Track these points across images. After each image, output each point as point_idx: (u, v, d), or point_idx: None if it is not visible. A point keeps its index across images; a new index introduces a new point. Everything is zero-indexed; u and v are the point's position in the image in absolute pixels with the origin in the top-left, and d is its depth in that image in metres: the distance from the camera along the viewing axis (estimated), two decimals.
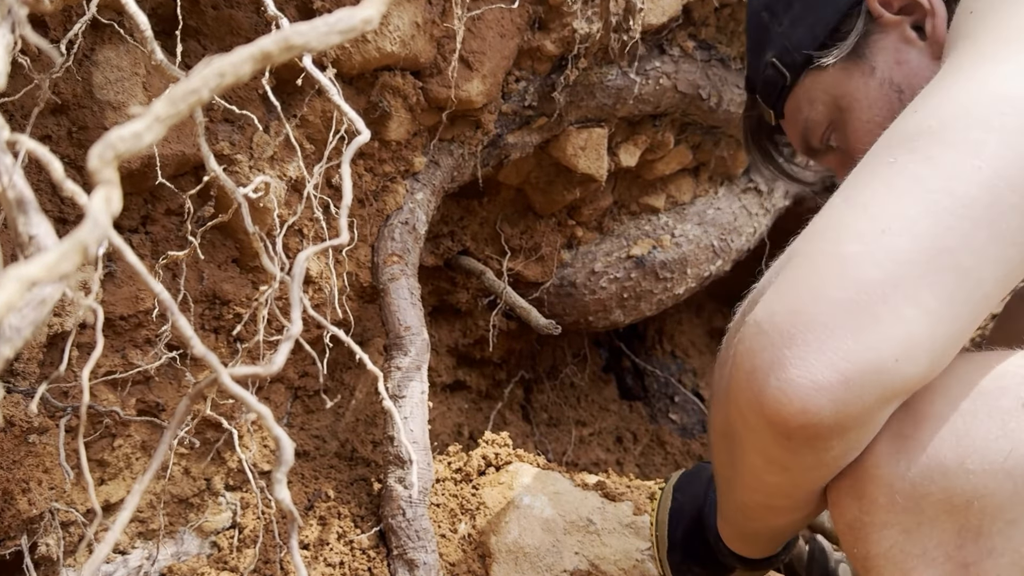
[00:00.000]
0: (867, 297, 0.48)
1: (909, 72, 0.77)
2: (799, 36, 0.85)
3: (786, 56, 0.86)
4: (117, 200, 0.26)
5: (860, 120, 0.81)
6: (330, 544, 1.06)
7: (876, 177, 0.53)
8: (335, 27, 0.29)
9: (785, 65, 0.86)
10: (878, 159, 0.55)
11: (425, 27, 1.11)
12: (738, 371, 0.53)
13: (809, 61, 0.84)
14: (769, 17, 0.89)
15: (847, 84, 0.82)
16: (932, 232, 0.49)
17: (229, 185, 0.61)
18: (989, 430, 0.50)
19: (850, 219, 0.52)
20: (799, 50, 0.84)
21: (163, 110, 0.27)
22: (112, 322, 1.01)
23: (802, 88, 0.86)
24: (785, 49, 0.86)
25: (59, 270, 0.24)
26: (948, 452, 0.50)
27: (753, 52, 0.93)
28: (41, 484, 0.94)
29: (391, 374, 1.11)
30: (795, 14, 0.86)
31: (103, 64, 0.90)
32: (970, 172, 0.50)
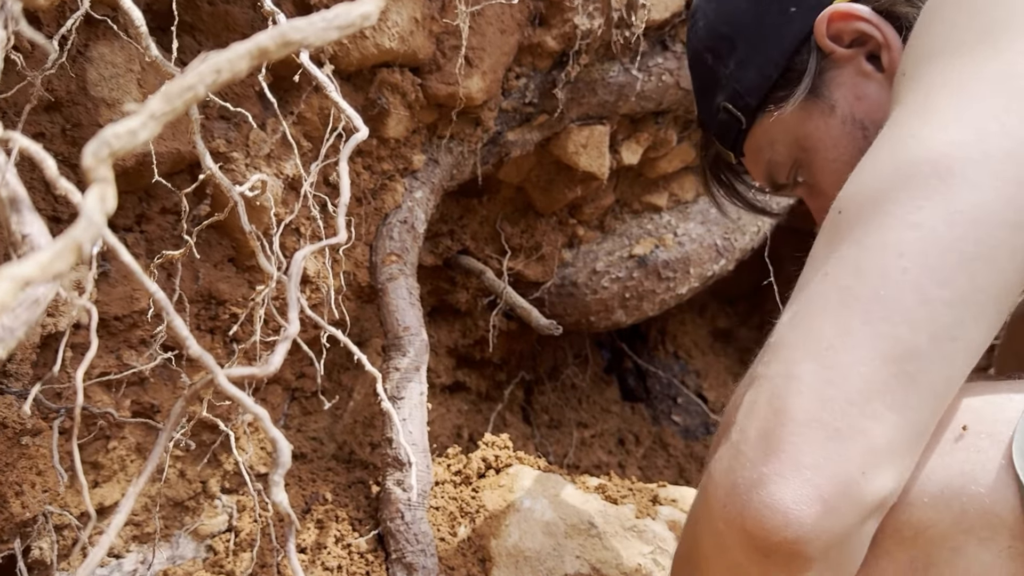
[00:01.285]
0: (826, 415, 0.50)
1: (870, 106, 0.75)
2: (749, 80, 0.82)
3: (738, 100, 0.83)
4: (112, 198, 0.26)
5: (826, 160, 0.80)
6: (328, 548, 1.06)
7: (815, 294, 0.55)
8: (333, 23, 0.29)
9: (739, 109, 0.83)
10: (814, 270, 0.57)
11: (424, 23, 1.11)
12: (717, 489, 0.55)
13: (763, 104, 0.81)
14: (713, 59, 0.86)
15: (807, 124, 0.79)
16: (872, 344, 0.51)
17: (225, 183, 0.61)
18: (929, 464, 0.52)
19: (798, 339, 0.54)
20: (751, 94, 0.82)
21: (158, 107, 0.27)
22: (106, 322, 1.01)
23: (760, 129, 0.83)
24: (736, 93, 0.83)
25: (53, 269, 0.24)
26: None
27: (701, 94, 0.89)
28: (34, 487, 0.94)
29: (389, 375, 1.11)
30: (740, 56, 0.82)
31: (97, 60, 0.90)
32: (897, 276, 0.51)
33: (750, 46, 0.81)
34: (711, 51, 0.86)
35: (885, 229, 0.52)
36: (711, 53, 0.86)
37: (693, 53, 0.89)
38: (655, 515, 1.16)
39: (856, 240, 0.54)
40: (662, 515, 1.17)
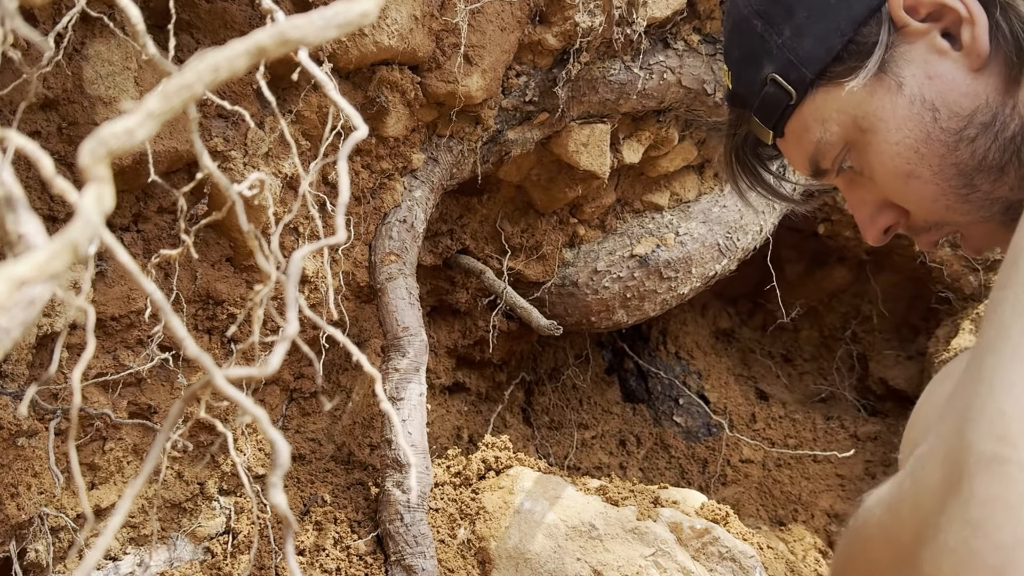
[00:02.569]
0: None
1: (943, 87, 0.70)
2: (807, 49, 0.76)
3: (791, 72, 0.77)
4: (109, 197, 0.26)
5: (887, 143, 0.74)
6: (326, 550, 1.06)
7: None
8: (332, 21, 0.29)
9: (791, 82, 0.78)
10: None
11: (423, 21, 1.11)
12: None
13: (821, 77, 0.76)
14: (764, 26, 0.79)
15: (869, 103, 0.74)
16: None
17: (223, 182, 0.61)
18: None
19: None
20: (809, 65, 0.76)
21: (156, 106, 0.27)
22: (103, 323, 1.01)
23: (811, 107, 0.78)
24: (790, 63, 0.77)
25: (49, 269, 0.24)
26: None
27: (744, 64, 0.83)
28: (30, 488, 0.94)
29: (389, 376, 1.11)
30: (799, 23, 0.76)
31: (94, 58, 0.90)
32: None
33: (812, 12, 0.75)
34: (762, 16, 0.79)
35: None
36: (762, 19, 0.79)
37: (738, 18, 0.82)
38: (656, 517, 1.16)
39: None
40: (663, 517, 1.17)
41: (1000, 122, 0.68)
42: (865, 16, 0.72)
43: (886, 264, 2.16)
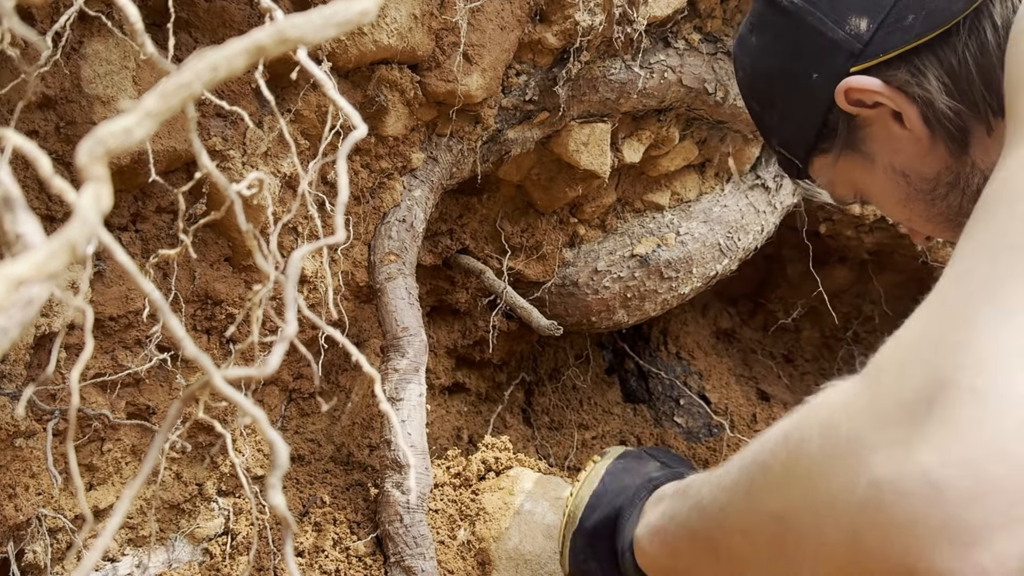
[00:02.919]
0: None
1: (907, 158, 0.79)
2: (792, 132, 0.88)
3: (789, 147, 0.90)
4: (107, 197, 0.26)
5: (880, 202, 0.87)
6: (326, 551, 1.06)
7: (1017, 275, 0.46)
8: (331, 19, 0.29)
9: (792, 154, 0.90)
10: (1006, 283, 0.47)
11: (423, 19, 1.11)
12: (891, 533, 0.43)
13: (811, 153, 0.87)
14: (759, 108, 0.92)
15: (856, 172, 0.85)
16: None
17: (222, 182, 0.61)
18: None
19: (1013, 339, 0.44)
20: (798, 145, 0.88)
21: (154, 105, 0.27)
22: (101, 323, 1.01)
23: (817, 168, 0.89)
24: (785, 141, 0.90)
25: (47, 269, 0.24)
26: None
27: (759, 129, 0.96)
28: (28, 489, 0.94)
29: (388, 376, 1.11)
30: (780, 112, 0.89)
31: (92, 57, 0.90)
32: None
33: (786, 105, 0.87)
34: (756, 101, 0.93)
35: None
36: (756, 103, 0.93)
37: (744, 95, 0.95)
38: None
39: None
40: None
41: (964, 180, 0.78)
42: (826, 107, 0.81)
43: (888, 264, 2.16)
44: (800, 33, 0.82)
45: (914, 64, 0.75)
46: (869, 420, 0.47)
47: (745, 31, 0.91)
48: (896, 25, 0.75)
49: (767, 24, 0.87)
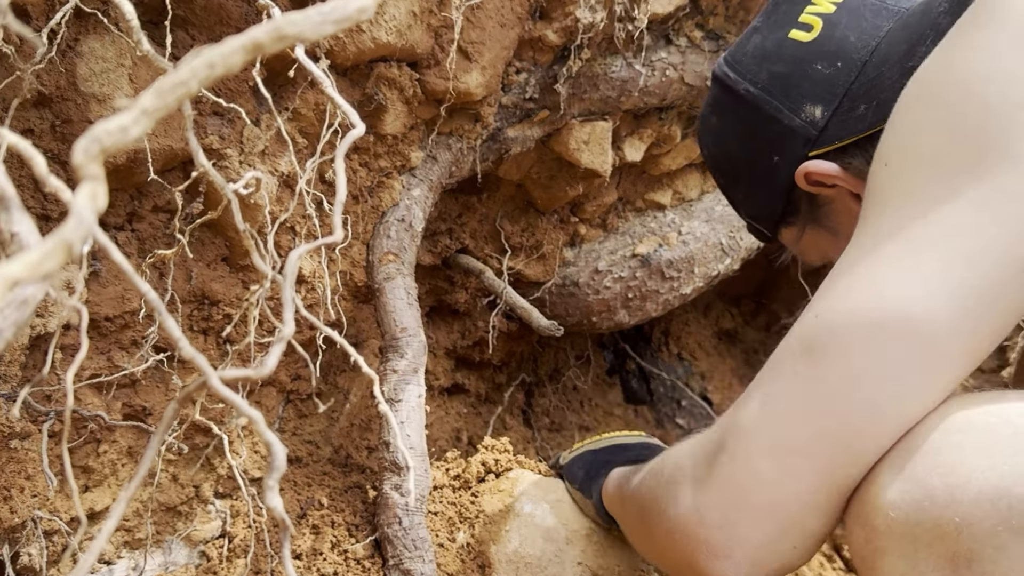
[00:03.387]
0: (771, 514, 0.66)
1: None
2: (758, 209, 0.94)
3: (758, 221, 0.96)
4: (102, 196, 0.26)
5: None
6: (324, 554, 1.06)
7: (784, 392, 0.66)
8: (329, 16, 0.29)
9: (761, 226, 0.96)
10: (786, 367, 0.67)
11: (422, 16, 1.11)
12: (683, 537, 0.71)
13: (779, 224, 0.93)
14: (725, 183, 0.99)
15: (820, 243, 0.91)
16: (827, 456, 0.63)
17: (219, 181, 0.61)
18: (977, 462, 0.57)
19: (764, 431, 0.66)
20: (766, 220, 0.94)
21: (150, 103, 0.27)
22: (97, 323, 1.01)
23: (785, 238, 0.96)
24: (752, 215, 0.97)
25: (42, 269, 0.24)
26: (938, 483, 0.58)
27: (727, 198, 1.02)
28: (23, 491, 0.94)
29: (387, 377, 1.11)
30: (745, 189, 0.95)
31: (87, 55, 0.90)
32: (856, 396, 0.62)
33: (750, 184, 0.92)
34: (722, 176, 0.99)
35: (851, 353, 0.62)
36: (722, 178, 0.99)
37: (709, 169, 1.02)
38: None
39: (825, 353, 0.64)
40: None
41: None
42: (788, 186, 0.86)
43: None
44: (758, 119, 0.87)
45: (868, 151, 0.77)
46: (689, 464, 0.73)
47: (707, 112, 0.97)
48: (849, 114, 0.80)
49: (726, 108, 0.92)
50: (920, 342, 0.60)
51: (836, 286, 0.66)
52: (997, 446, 0.57)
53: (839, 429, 0.63)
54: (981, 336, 0.61)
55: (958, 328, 0.60)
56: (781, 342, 0.70)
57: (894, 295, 0.61)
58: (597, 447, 1.19)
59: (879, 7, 0.82)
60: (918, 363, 0.61)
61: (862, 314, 0.62)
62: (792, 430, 0.64)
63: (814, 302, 0.68)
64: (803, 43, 0.84)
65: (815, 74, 0.82)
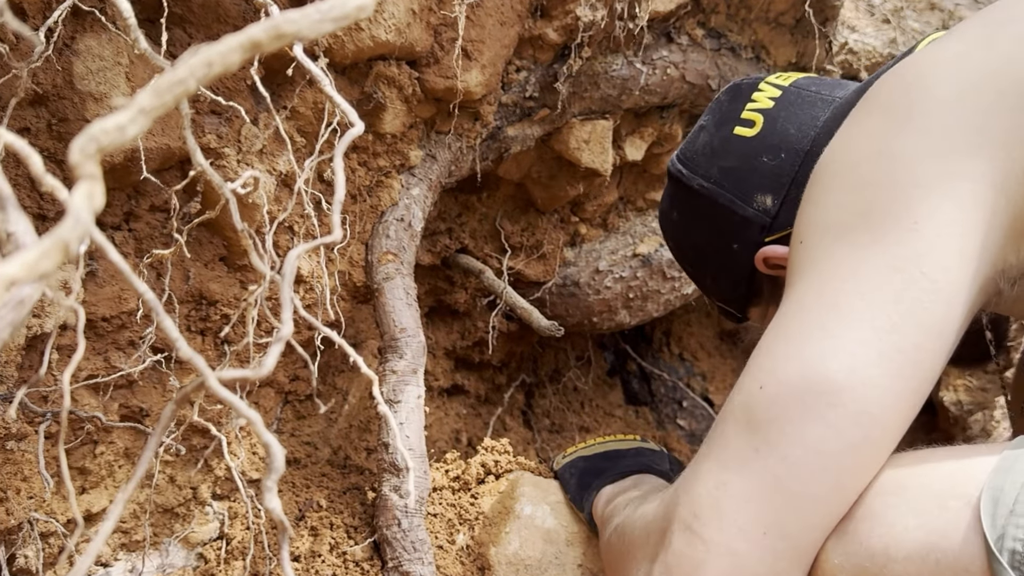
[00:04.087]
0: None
1: None
2: (726, 294, 1.00)
3: (726, 303, 1.02)
4: (99, 196, 0.26)
5: None
6: (322, 556, 1.06)
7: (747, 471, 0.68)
8: (328, 14, 0.29)
9: (731, 307, 1.01)
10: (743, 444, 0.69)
11: (421, 14, 1.11)
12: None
13: (747, 306, 0.99)
14: (693, 272, 1.05)
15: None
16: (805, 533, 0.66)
17: (216, 180, 0.61)
18: (908, 522, 0.61)
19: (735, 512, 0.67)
20: (734, 303, 1.00)
21: (148, 101, 0.27)
22: (94, 323, 1.01)
23: (754, 317, 1.01)
24: (722, 299, 1.02)
25: (39, 269, 0.24)
26: (877, 544, 0.62)
27: (696, 284, 1.07)
28: (19, 493, 0.94)
29: (386, 378, 1.11)
30: (711, 276, 1.00)
31: (84, 53, 0.90)
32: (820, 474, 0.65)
33: (715, 270, 0.98)
34: (689, 266, 1.05)
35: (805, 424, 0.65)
36: (689, 267, 1.05)
37: (676, 259, 1.08)
38: None
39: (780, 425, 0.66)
40: None
41: None
42: (750, 270, 0.92)
43: None
44: (715, 211, 0.92)
45: None
46: (643, 539, 0.77)
47: (666, 206, 1.02)
48: (798, 200, 0.83)
49: (684, 203, 0.98)
50: (861, 411, 0.64)
51: (774, 353, 0.70)
52: (925, 505, 0.62)
53: (792, 507, 0.65)
54: (914, 397, 0.65)
55: (896, 392, 0.64)
56: (724, 408, 0.73)
57: (833, 365, 0.65)
58: (589, 453, 1.20)
59: (815, 98, 0.89)
60: (862, 433, 0.64)
61: (803, 385, 0.66)
62: (758, 508, 0.66)
63: (754, 369, 0.71)
64: (747, 138, 0.91)
65: (762, 166, 0.89)
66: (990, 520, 0.57)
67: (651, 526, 0.77)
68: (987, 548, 0.56)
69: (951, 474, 0.63)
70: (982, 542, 0.57)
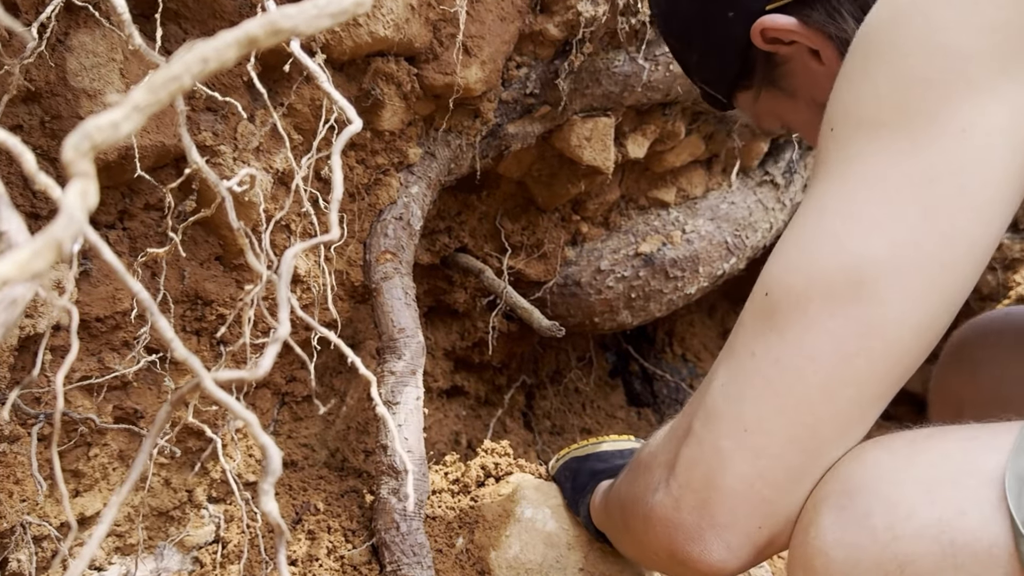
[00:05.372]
0: (743, 490, 0.66)
1: (826, 91, 0.81)
2: (713, 72, 0.92)
3: (710, 85, 0.94)
4: (93, 194, 0.26)
5: (804, 131, 0.92)
6: (320, 560, 1.06)
7: (743, 372, 0.67)
8: (325, 10, 0.29)
9: (715, 90, 0.94)
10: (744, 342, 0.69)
11: (420, 10, 1.11)
12: (658, 525, 0.72)
13: (734, 88, 0.92)
14: (678, 46, 0.96)
15: (777, 107, 0.90)
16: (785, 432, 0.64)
17: (212, 178, 0.61)
18: (918, 498, 0.58)
19: (726, 414, 0.67)
20: (719, 84, 0.92)
21: (142, 98, 0.27)
22: (88, 324, 1.01)
23: (742, 102, 0.94)
24: (706, 79, 0.94)
25: (32, 268, 0.24)
26: (879, 521, 0.59)
27: (681, 65, 1.00)
28: (12, 496, 0.94)
29: (384, 379, 1.11)
30: (699, 51, 0.92)
31: (78, 49, 0.90)
32: (810, 377, 0.63)
33: (704, 44, 0.90)
34: (674, 39, 0.96)
35: (803, 329, 0.64)
36: (673, 40, 0.96)
37: (660, 32, 1.00)
38: None
39: (780, 331, 0.65)
40: None
41: None
42: (744, 45, 0.84)
43: None
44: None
45: (830, 3, 0.76)
46: (661, 451, 0.76)
47: None
48: None
49: None
50: (871, 325, 0.61)
51: (787, 254, 0.68)
52: (937, 481, 0.58)
53: (798, 408, 0.64)
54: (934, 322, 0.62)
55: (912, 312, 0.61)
56: (747, 302, 0.71)
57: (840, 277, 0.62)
58: (583, 454, 1.19)
59: None
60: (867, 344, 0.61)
61: (807, 293, 0.64)
62: (745, 407, 0.66)
63: (766, 269, 0.69)
64: None
65: None
66: (1016, 500, 0.54)
67: (669, 435, 0.76)
68: (1014, 528, 0.54)
69: (963, 451, 0.60)
70: (1006, 522, 0.54)
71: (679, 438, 0.72)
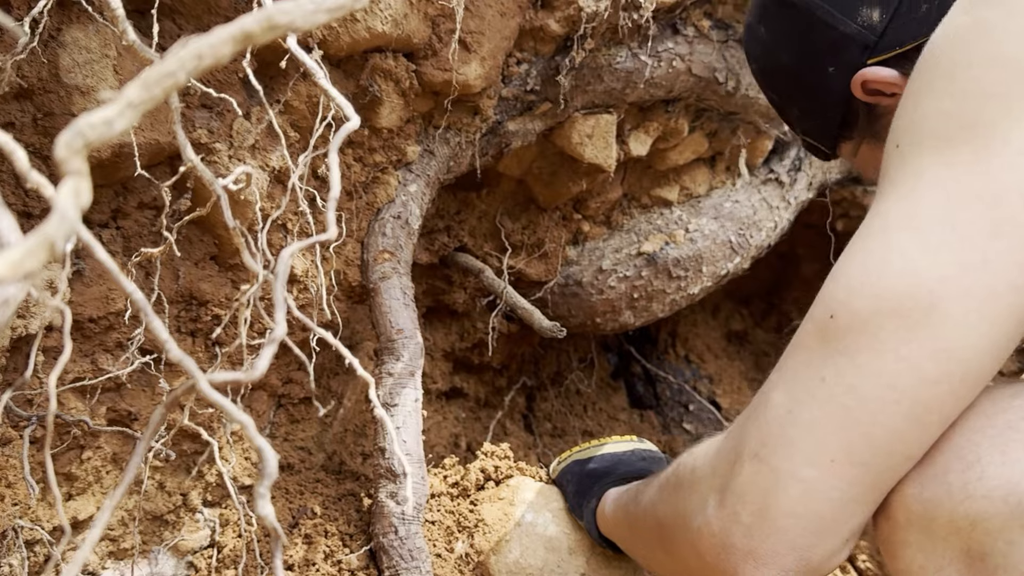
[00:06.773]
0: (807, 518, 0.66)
1: None
2: (815, 126, 0.93)
3: (811, 136, 0.95)
4: (86, 192, 0.26)
5: None
6: (317, 564, 1.06)
7: (814, 399, 0.66)
8: (322, 5, 0.29)
9: (817, 142, 0.95)
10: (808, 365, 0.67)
11: (418, 5, 1.11)
12: (713, 540, 0.71)
13: (837, 140, 0.92)
14: (778, 100, 0.97)
15: (880, 157, 0.91)
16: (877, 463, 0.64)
17: (207, 176, 0.61)
18: (991, 458, 0.60)
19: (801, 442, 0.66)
20: (822, 138, 0.93)
21: (136, 95, 0.27)
22: (81, 324, 1.01)
23: (844, 153, 0.94)
24: (807, 131, 0.95)
25: (24, 268, 0.24)
26: (955, 478, 0.61)
27: (780, 116, 1.01)
28: (4, 500, 0.94)
29: (382, 380, 1.11)
30: (801, 106, 0.93)
31: (71, 45, 0.90)
32: (891, 408, 0.62)
33: (805, 98, 0.91)
34: (773, 92, 0.97)
35: (875, 355, 0.63)
36: (774, 94, 0.97)
37: (760, 86, 1.00)
38: None
39: (850, 356, 0.64)
40: None
41: None
42: (845, 98, 0.85)
43: None
44: (810, 27, 0.84)
45: None
46: (709, 472, 0.74)
47: (753, 21, 0.94)
48: (910, 15, 0.77)
49: (774, 16, 0.90)
50: (940, 348, 0.61)
51: (849, 272, 0.66)
52: (1013, 443, 0.60)
53: (888, 437, 0.63)
54: (1002, 341, 0.62)
55: (980, 333, 0.61)
56: (795, 336, 0.70)
57: (908, 297, 0.62)
58: (585, 456, 1.19)
59: None
60: (938, 370, 0.61)
61: (875, 313, 0.63)
62: (824, 436, 0.65)
63: (827, 289, 0.68)
64: None
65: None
66: None
67: (718, 457, 0.74)
68: None
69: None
70: None
71: (731, 461, 0.71)
